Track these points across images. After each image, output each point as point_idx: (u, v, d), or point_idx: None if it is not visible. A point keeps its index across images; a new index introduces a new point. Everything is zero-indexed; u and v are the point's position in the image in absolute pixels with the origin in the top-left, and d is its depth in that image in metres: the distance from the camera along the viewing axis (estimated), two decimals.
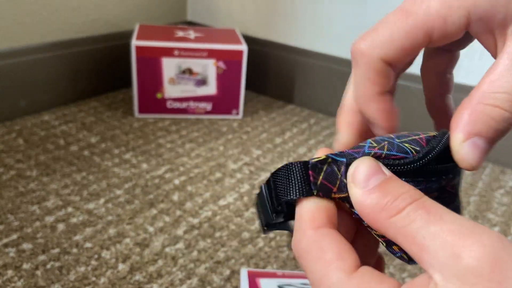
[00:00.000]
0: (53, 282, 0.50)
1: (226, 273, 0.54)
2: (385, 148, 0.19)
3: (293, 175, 0.19)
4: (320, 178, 0.19)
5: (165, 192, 0.68)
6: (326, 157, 0.19)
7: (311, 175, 0.18)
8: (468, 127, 0.19)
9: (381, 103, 0.21)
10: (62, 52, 0.92)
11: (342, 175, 0.19)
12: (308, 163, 0.19)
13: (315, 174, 0.18)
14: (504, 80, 0.18)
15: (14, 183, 0.67)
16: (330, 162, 0.19)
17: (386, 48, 0.20)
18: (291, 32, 1.04)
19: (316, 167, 0.19)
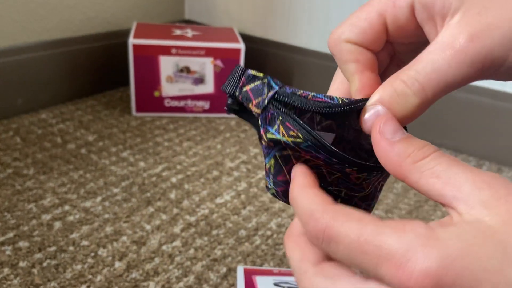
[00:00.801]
0: (49, 280, 0.50)
1: (223, 270, 0.54)
2: (315, 93, 0.22)
3: (234, 74, 0.21)
4: (247, 87, 0.21)
5: (162, 190, 0.68)
6: (264, 76, 0.21)
7: (242, 80, 0.21)
8: (376, 95, 0.21)
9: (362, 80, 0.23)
10: (59, 50, 0.92)
11: (268, 97, 0.21)
12: (246, 71, 0.21)
13: (245, 82, 0.21)
14: (420, 62, 0.20)
15: (11, 181, 0.67)
16: (265, 82, 0.21)
17: (349, 32, 0.23)
18: (289, 31, 1.04)
19: (249, 77, 0.21)
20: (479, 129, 0.85)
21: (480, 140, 0.86)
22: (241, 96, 0.21)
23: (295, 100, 0.21)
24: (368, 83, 0.23)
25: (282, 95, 0.21)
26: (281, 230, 0.62)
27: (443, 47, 0.19)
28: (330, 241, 0.18)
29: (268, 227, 0.62)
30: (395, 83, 0.20)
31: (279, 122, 0.21)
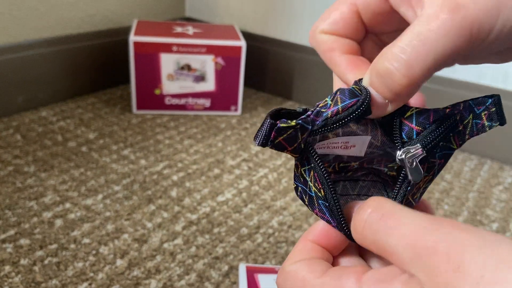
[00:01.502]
0: (50, 278, 0.50)
1: (225, 268, 0.54)
2: (339, 101, 0.20)
3: (263, 128, 0.20)
4: (280, 138, 0.20)
5: (164, 188, 0.68)
6: (296, 124, 0.20)
7: (273, 135, 0.19)
8: (365, 78, 0.21)
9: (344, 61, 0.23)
10: (59, 48, 0.92)
11: (303, 141, 0.20)
12: (276, 125, 0.19)
13: (276, 135, 0.19)
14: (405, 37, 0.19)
15: (12, 179, 0.67)
16: (297, 128, 0.20)
17: (322, 24, 0.23)
18: (290, 28, 1.04)
19: (281, 131, 0.19)
20: None
21: (481, 138, 0.86)
22: (274, 147, 0.20)
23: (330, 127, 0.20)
24: (352, 63, 0.22)
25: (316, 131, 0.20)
26: (282, 228, 0.62)
27: (428, 19, 0.18)
28: None
29: (270, 225, 0.62)
30: (379, 63, 0.19)
31: (310, 167, 0.21)
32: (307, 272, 0.20)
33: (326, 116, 0.20)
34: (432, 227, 0.15)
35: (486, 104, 0.22)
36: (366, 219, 0.17)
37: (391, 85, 0.19)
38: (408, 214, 0.16)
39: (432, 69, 0.19)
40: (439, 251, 0.15)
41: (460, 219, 0.67)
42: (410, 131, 0.21)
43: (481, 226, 0.66)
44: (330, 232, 0.22)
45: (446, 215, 0.67)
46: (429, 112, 0.21)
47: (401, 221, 0.16)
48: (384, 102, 0.20)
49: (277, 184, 0.72)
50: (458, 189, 0.75)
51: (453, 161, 0.85)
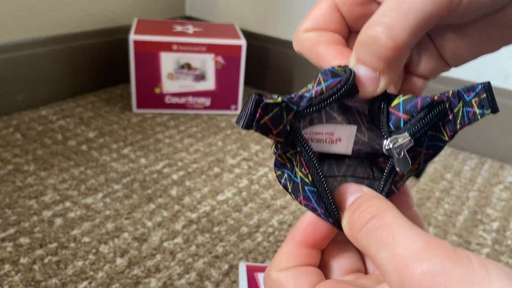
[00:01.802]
0: (50, 277, 0.50)
1: (225, 267, 0.54)
2: (322, 81, 0.20)
3: (248, 106, 0.18)
4: (265, 118, 0.18)
5: (164, 187, 0.68)
6: (282, 101, 0.19)
7: (258, 113, 0.18)
8: (352, 56, 0.20)
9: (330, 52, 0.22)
10: (59, 46, 0.92)
11: (288, 122, 0.19)
12: (261, 101, 0.18)
13: (262, 114, 0.18)
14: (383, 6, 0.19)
15: (12, 178, 0.67)
16: (283, 106, 0.19)
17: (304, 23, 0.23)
18: (290, 27, 1.04)
19: (267, 108, 0.18)
20: (481, 126, 0.85)
21: (482, 137, 0.86)
22: (260, 130, 0.19)
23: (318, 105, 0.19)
24: (338, 52, 0.22)
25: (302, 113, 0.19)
26: (282, 227, 0.62)
27: None
28: None
29: (270, 224, 0.62)
30: (362, 34, 0.19)
31: (297, 151, 0.20)
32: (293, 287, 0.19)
33: (310, 96, 0.19)
34: (424, 255, 0.15)
35: (476, 91, 0.21)
36: (365, 225, 0.17)
37: (378, 51, 0.19)
38: (405, 231, 0.16)
39: (417, 29, 0.18)
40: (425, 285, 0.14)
41: (461, 218, 0.67)
42: (397, 120, 0.20)
43: (481, 225, 0.66)
44: (316, 226, 0.21)
45: (447, 214, 0.67)
46: (416, 100, 0.20)
47: (396, 239, 0.16)
48: (376, 76, 0.20)
49: (277, 183, 0.72)
50: (459, 188, 0.75)
51: (454, 160, 0.84)
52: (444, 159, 0.84)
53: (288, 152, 0.20)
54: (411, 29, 0.18)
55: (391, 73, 0.20)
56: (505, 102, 0.82)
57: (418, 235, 0.16)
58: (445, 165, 0.82)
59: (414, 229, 0.16)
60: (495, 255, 0.59)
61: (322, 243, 0.21)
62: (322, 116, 0.21)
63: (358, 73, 0.20)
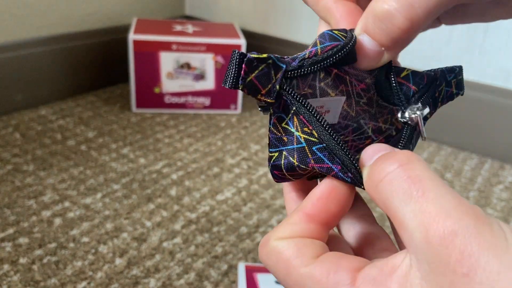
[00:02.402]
0: (49, 277, 0.50)
1: (224, 267, 0.54)
2: (318, 43, 0.19)
3: (232, 63, 0.17)
4: (251, 75, 0.17)
5: (163, 187, 0.68)
6: (267, 57, 0.18)
7: (243, 69, 0.17)
8: (359, 24, 0.18)
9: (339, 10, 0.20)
10: (59, 46, 0.92)
11: (277, 81, 0.18)
12: (245, 55, 0.17)
13: (247, 70, 0.17)
14: None
15: (11, 178, 0.67)
16: (270, 63, 0.18)
17: None
18: (290, 26, 1.03)
19: (252, 63, 0.17)
20: (481, 126, 0.85)
21: (482, 137, 0.86)
22: (246, 89, 0.17)
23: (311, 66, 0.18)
24: (347, 11, 0.20)
25: (293, 72, 0.18)
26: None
27: None
28: None
29: (269, 224, 0.62)
30: (377, 6, 0.17)
31: (293, 112, 0.19)
32: (294, 256, 0.17)
33: (303, 56, 0.19)
34: (456, 214, 0.13)
35: (455, 72, 0.22)
36: (390, 172, 0.15)
37: (390, 29, 0.17)
38: (436, 187, 0.14)
39: (434, 11, 0.17)
40: (453, 245, 0.13)
41: None
42: (408, 90, 0.21)
43: None
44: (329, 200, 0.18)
45: None
46: (422, 73, 0.21)
47: (426, 194, 0.14)
48: (379, 51, 0.18)
49: (276, 183, 0.72)
50: (459, 188, 0.75)
51: (454, 160, 0.84)
52: (444, 159, 0.84)
53: (283, 121, 0.19)
54: (430, 10, 0.17)
55: (396, 50, 0.19)
56: (505, 102, 0.82)
57: (450, 193, 0.14)
58: (445, 165, 0.82)
59: (445, 186, 0.15)
60: None
61: (333, 221, 0.19)
62: (316, 91, 0.20)
63: (362, 43, 0.19)
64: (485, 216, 0.14)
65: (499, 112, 0.82)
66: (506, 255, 0.13)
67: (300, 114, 0.18)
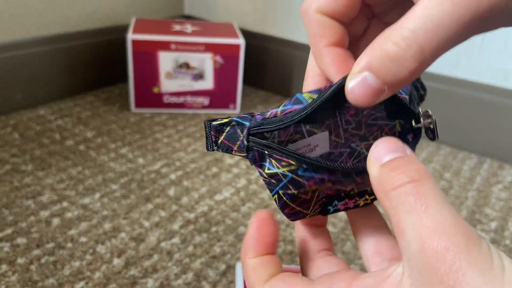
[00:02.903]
0: (47, 277, 0.50)
1: (222, 268, 0.54)
2: (282, 105, 0.21)
3: (206, 132, 0.21)
4: (221, 138, 0.21)
5: (161, 187, 0.68)
6: (230, 120, 0.21)
7: (213, 135, 0.21)
8: (362, 61, 0.18)
9: (331, 54, 0.21)
10: (57, 46, 0.91)
11: (244, 137, 0.20)
12: (211, 123, 0.21)
13: (217, 135, 0.21)
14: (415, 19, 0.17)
15: (9, 178, 0.67)
16: (234, 124, 0.21)
17: (320, 1, 0.21)
18: (289, 26, 1.03)
19: (218, 129, 0.21)
20: (480, 126, 0.85)
21: (481, 137, 0.86)
22: (221, 149, 0.21)
23: (270, 125, 0.20)
24: (339, 58, 0.21)
25: (256, 128, 0.20)
26: (280, 227, 0.61)
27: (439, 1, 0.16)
28: None
29: None
30: (386, 46, 0.17)
31: (268, 156, 0.21)
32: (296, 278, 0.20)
33: (264, 116, 0.21)
34: (451, 231, 0.15)
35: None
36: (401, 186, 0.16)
37: (398, 70, 0.17)
38: (438, 204, 0.16)
39: (442, 52, 0.17)
40: (444, 259, 0.14)
41: None
42: (404, 100, 0.22)
43: (480, 225, 0.65)
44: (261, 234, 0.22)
45: None
46: None
47: (428, 209, 0.16)
48: (382, 88, 0.18)
49: None
50: (458, 188, 0.75)
51: (453, 159, 0.84)
52: (443, 158, 0.84)
53: (265, 167, 0.21)
54: (440, 52, 0.17)
55: (398, 88, 0.19)
56: (505, 102, 0.81)
57: (449, 211, 0.16)
58: (444, 165, 0.82)
59: (447, 204, 0.16)
60: None
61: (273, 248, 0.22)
62: (304, 133, 0.22)
63: (365, 80, 0.18)
64: (477, 237, 0.15)
65: (498, 112, 0.82)
66: (490, 272, 0.14)
67: (273, 154, 0.20)
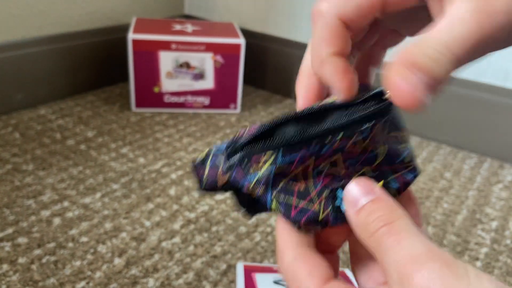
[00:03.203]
0: (48, 277, 0.50)
1: (223, 267, 0.54)
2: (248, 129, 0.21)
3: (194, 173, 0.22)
4: (205, 173, 0.21)
5: (162, 186, 0.68)
6: (208, 151, 0.21)
7: (199, 174, 0.21)
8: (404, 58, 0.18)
9: (336, 64, 0.21)
10: (58, 45, 0.92)
11: (224, 159, 0.21)
12: (194, 163, 0.22)
13: (202, 170, 0.21)
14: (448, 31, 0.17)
15: (10, 177, 0.67)
16: (213, 154, 0.21)
17: (344, 6, 0.20)
18: (289, 26, 1.03)
19: (200, 164, 0.22)
20: (480, 125, 0.85)
21: (481, 136, 0.86)
22: (207, 185, 0.21)
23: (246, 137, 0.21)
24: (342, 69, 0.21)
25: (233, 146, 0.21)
26: None
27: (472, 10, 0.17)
28: None
29: (268, 224, 0.62)
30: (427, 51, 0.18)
31: (246, 164, 0.20)
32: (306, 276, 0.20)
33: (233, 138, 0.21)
34: (424, 260, 0.16)
35: None
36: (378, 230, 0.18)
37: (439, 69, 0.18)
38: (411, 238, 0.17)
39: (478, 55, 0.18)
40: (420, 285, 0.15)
41: (460, 217, 0.67)
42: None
43: (480, 224, 0.65)
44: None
45: (446, 214, 0.67)
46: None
47: (401, 243, 0.17)
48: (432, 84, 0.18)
49: None
50: (458, 187, 0.75)
51: (453, 159, 0.84)
52: (443, 158, 0.84)
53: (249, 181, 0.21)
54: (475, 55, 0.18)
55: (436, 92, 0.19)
56: (505, 101, 0.81)
57: (422, 242, 0.17)
58: (444, 164, 0.82)
59: (420, 236, 0.17)
60: (494, 255, 0.59)
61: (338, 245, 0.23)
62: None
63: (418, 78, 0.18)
64: (452, 261, 0.16)
65: (498, 111, 0.82)
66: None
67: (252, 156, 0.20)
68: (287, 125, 0.21)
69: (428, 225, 0.64)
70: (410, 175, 0.22)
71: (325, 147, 0.20)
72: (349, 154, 0.21)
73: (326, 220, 0.21)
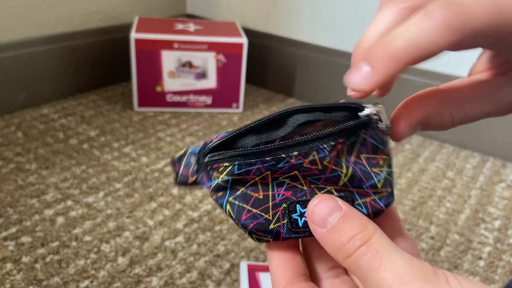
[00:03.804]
0: (52, 275, 0.50)
1: (226, 266, 0.54)
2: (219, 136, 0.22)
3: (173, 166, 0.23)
4: (181, 168, 0.22)
5: (165, 185, 0.68)
6: (185, 150, 0.23)
7: (176, 169, 0.23)
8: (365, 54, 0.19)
9: None
10: (61, 45, 0.92)
11: (195, 162, 0.22)
12: (173, 159, 0.23)
13: (178, 166, 0.23)
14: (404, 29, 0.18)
15: (14, 176, 0.67)
16: (189, 153, 0.22)
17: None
18: (291, 25, 1.03)
19: (176, 161, 0.23)
20: (483, 125, 0.85)
21: (484, 136, 0.86)
22: (180, 181, 0.22)
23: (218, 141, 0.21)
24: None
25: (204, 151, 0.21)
26: None
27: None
28: None
29: None
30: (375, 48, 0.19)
31: (209, 170, 0.21)
32: None
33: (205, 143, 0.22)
34: (407, 279, 0.17)
35: None
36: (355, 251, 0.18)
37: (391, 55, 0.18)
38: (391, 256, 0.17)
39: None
40: None
41: (462, 216, 0.67)
42: None
43: (483, 223, 0.65)
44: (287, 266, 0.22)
45: (448, 213, 0.67)
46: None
47: (383, 264, 0.17)
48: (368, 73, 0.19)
49: None
50: (461, 187, 0.75)
51: (456, 158, 0.84)
52: (446, 157, 0.84)
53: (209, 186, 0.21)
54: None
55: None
56: None
57: (402, 259, 0.17)
58: (447, 164, 0.82)
59: (399, 253, 0.18)
60: (497, 254, 0.59)
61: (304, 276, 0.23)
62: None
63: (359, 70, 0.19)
64: (434, 274, 0.17)
65: None
66: None
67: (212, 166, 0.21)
68: (248, 135, 0.21)
69: (431, 224, 0.64)
70: (382, 202, 0.21)
71: (281, 163, 0.20)
72: (309, 172, 0.20)
73: (277, 231, 0.21)
